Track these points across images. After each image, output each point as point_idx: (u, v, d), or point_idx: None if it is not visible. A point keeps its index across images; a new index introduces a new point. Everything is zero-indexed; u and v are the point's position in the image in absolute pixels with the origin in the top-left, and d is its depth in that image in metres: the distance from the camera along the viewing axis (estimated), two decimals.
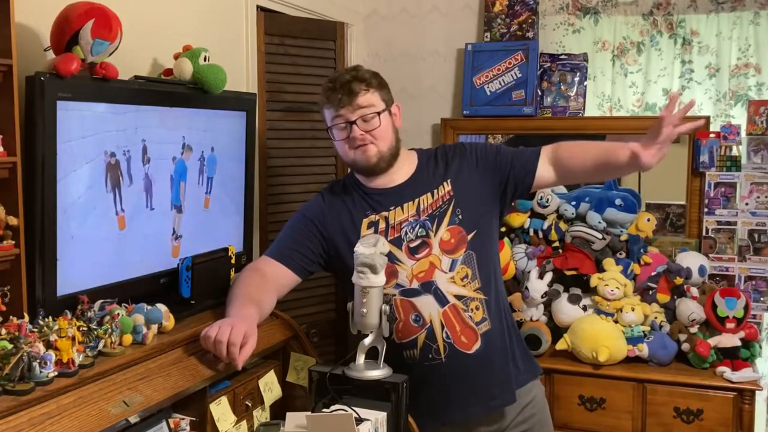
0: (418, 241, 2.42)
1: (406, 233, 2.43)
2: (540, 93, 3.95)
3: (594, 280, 3.40)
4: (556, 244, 3.63)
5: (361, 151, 2.42)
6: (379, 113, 2.41)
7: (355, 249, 2.15)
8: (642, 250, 3.51)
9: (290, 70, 3.59)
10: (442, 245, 2.42)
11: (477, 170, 2.51)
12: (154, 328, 2.10)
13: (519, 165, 2.51)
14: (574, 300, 3.43)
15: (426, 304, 2.39)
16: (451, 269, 2.41)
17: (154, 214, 2.41)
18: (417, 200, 2.46)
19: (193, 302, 2.42)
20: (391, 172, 2.49)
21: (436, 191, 2.47)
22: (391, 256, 2.35)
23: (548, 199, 3.67)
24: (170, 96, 2.46)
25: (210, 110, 2.63)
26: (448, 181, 2.48)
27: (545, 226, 3.66)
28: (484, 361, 2.42)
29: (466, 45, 4.01)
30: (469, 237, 2.43)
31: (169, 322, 2.17)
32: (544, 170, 2.51)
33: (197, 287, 2.43)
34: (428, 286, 2.40)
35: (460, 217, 2.44)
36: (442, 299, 2.40)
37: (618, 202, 3.49)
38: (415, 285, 2.40)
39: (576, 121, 3.87)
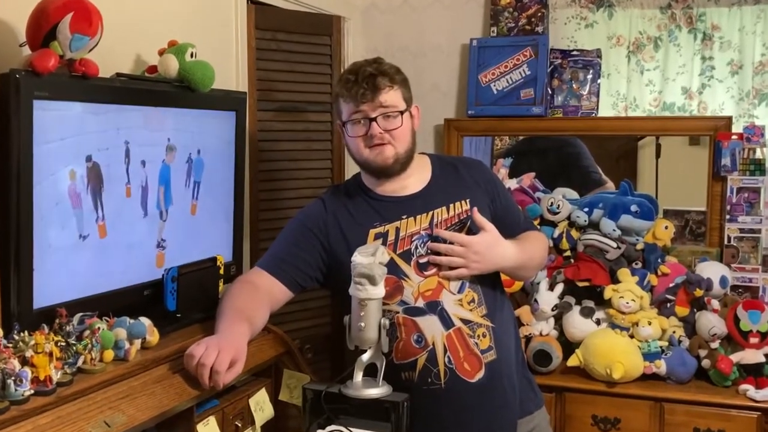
0: (428, 258, 2.42)
1: (416, 247, 2.42)
2: (550, 92, 3.95)
3: (608, 292, 3.40)
4: (568, 253, 3.63)
5: (378, 150, 2.40)
6: (401, 112, 2.41)
7: (352, 258, 2.14)
8: (659, 260, 3.51)
9: (283, 67, 3.60)
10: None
11: (489, 197, 2.54)
12: (138, 343, 2.11)
13: (515, 231, 2.59)
14: (586, 313, 3.43)
15: (430, 324, 2.38)
16: (460, 291, 2.41)
17: (138, 222, 2.41)
18: (431, 213, 2.45)
19: (179, 316, 2.42)
20: (403, 177, 2.48)
21: (452, 206, 2.47)
22: (397, 271, 2.36)
23: (559, 205, 3.67)
24: (154, 95, 2.46)
25: (197, 110, 2.64)
26: (467, 200, 2.48)
27: (556, 234, 3.66)
28: (486, 393, 2.40)
29: (471, 40, 4.01)
30: None
31: (153, 336, 2.17)
32: None
33: (183, 299, 2.43)
34: (434, 307, 2.39)
35: None
36: (447, 322, 2.39)
37: (634, 208, 3.49)
38: (421, 303, 2.39)
39: (588, 121, 3.88)
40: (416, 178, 2.50)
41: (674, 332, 3.34)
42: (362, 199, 2.50)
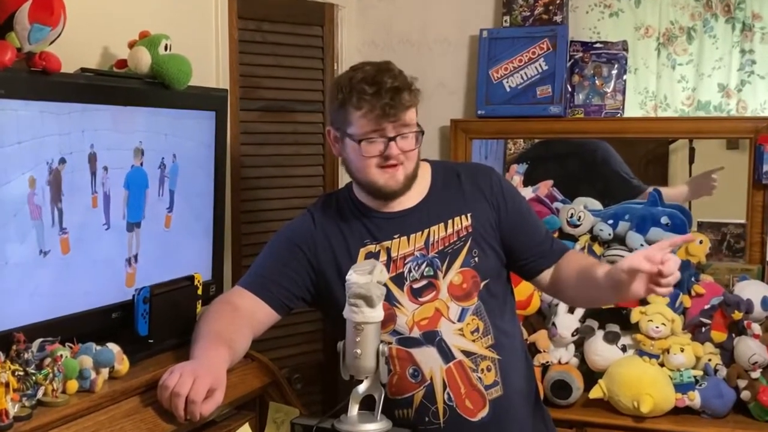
0: (424, 282, 2.42)
1: (410, 270, 2.42)
2: (570, 89, 3.94)
3: (635, 315, 3.40)
4: None
5: (391, 173, 2.38)
6: (417, 133, 2.40)
7: (347, 277, 2.14)
8: (693, 279, 3.51)
9: (269, 62, 3.62)
10: (452, 290, 2.42)
11: (495, 211, 2.52)
12: (105, 372, 2.11)
13: (534, 251, 2.56)
14: (611, 339, 3.43)
15: (427, 357, 2.39)
16: (460, 319, 2.41)
17: (105, 235, 2.41)
18: (427, 231, 2.45)
19: (151, 341, 2.43)
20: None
21: (451, 222, 2.47)
22: (389, 297, 2.35)
23: (580, 217, 3.67)
24: (124, 93, 2.47)
25: (172, 110, 2.65)
26: (469, 215, 2.48)
27: (576, 250, 3.65)
28: None
29: (480, 31, 4.00)
30: (482, 285, 2.44)
31: (122, 365, 2.17)
32: (547, 276, 2.57)
33: (156, 323, 2.44)
34: (431, 337, 2.39)
35: (476, 259, 2.45)
36: (446, 354, 2.39)
37: (664, 220, 3.50)
38: (416, 334, 2.39)
39: (613, 122, 3.86)
40: (413, 192, 2.49)
41: (710, 360, 3.34)
42: (353, 214, 2.50)
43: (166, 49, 2.58)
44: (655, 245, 2.24)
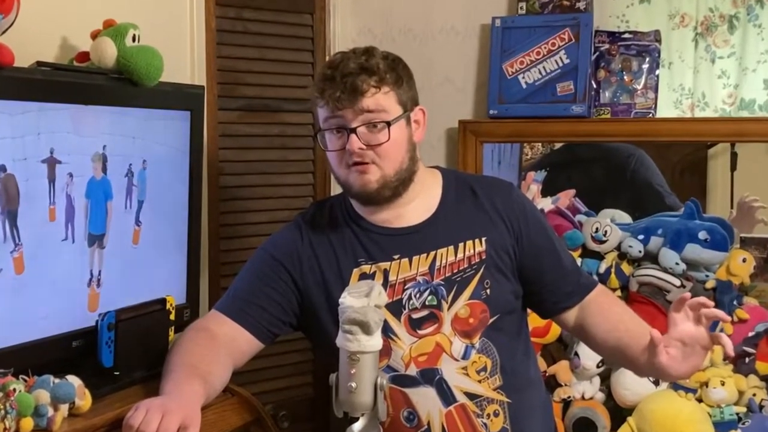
0: (425, 312, 2.41)
1: (409, 298, 2.41)
2: (595, 86, 3.93)
3: None
4: (617, 293, 3.62)
5: (357, 172, 2.38)
6: (389, 123, 2.37)
7: (340, 300, 2.14)
8: (736, 302, 3.52)
9: (251, 54, 3.62)
10: (457, 324, 2.41)
11: (514, 236, 2.50)
12: (64, 408, 2.10)
13: (557, 288, 2.56)
14: None
15: (425, 398, 2.38)
16: (465, 357, 2.40)
17: (65, 253, 2.42)
18: (433, 254, 2.44)
19: (117, 374, 2.43)
20: (399, 203, 2.46)
21: (462, 246, 2.45)
22: (384, 327, 2.31)
23: (606, 232, 3.68)
24: (86, 90, 2.48)
25: (141, 109, 2.66)
26: (483, 239, 2.46)
27: (602, 269, 3.67)
28: None
29: (493, 19, 3.99)
30: (492, 320, 2.43)
31: (84, 400, 2.17)
32: (570, 317, 2.58)
33: (123, 353, 2.44)
34: (430, 376, 2.38)
35: (488, 291, 2.43)
36: (447, 396, 2.39)
37: (703, 235, 3.50)
38: (413, 371, 2.39)
39: (644, 124, 3.84)
40: (419, 204, 2.49)
41: (754, 395, 3.35)
42: (348, 227, 2.50)
43: (134, 40, 2.59)
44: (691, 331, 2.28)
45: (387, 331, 2.35)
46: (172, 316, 2.63)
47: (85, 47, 2.64)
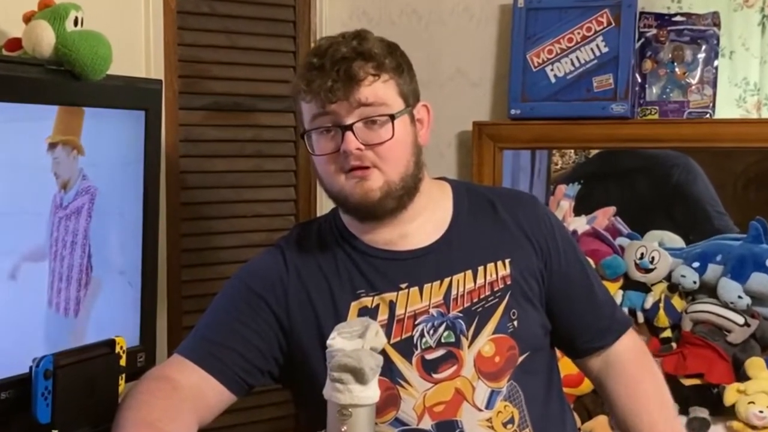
0: (441, 352, 2.39)
1: (422, 335, 2.40)
2: (640, 80, 3.92)
3: (731, 395, 3.44)
4: (668, 333, 3.67)
5: (356, 179, 2.36)
6: (392, 117, 2.37)
7: (328, 342, 2.11)
8: None
9: (220, 41, 3.62)
10: (480, 364, 2.40)
11: (542, 258, 2.52)
12: None
13: (587, 324, 2.60)
14: (697, 427, 3.47)
15: None
16: (489, 406, 2.39)
17: None
18: (448, 281, 2.43)
19: (55, 431, 2.45)
20: (403, 220, 2.46)
21: (482, 270, 2.45)
22: (391, 371, 2.35)
23: (654, 258, 3.70)
24: (17, 84, 2.45)
25: (84, 108, 2.65)
26: (507, 261, 2.47)
27: (649, 304, 3.70)
28: None
29: (515, 0, 4.03)
30: (521, 359, 2.43)
31: None
32: (596, 362, 2.64)
33: (62, 406, 2.42)
34: (449, 429, 2.38)
35: (515, 323, 2.43)
36: None
37: None
38: (427, 424, 2.37)
39: (700, 126, 3.81)
40: (427, 221, 2.50)
41: None
42: (341, 251, 2.49)
43: (76, 24, 2.56)
44: None
45: (394, 375, 2.36)
46: (122, 362, 2.60)
47: (16, 33, 2.62)
